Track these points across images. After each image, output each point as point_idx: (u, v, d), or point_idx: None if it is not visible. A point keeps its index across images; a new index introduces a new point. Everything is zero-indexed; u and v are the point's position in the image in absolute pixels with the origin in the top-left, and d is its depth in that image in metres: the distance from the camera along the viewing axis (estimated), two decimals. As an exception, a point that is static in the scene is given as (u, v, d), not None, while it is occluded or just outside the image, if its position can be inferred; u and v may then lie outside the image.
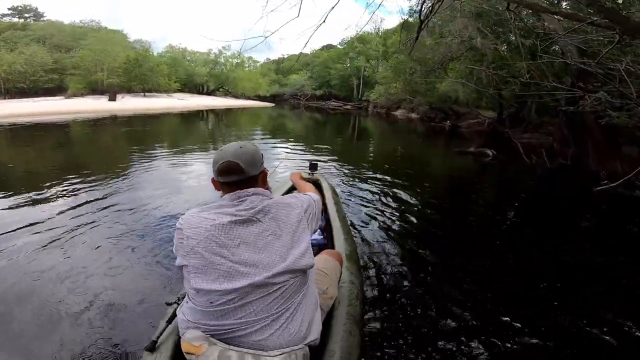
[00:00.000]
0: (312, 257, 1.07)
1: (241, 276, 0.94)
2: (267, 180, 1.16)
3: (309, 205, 1.13)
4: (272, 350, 0.95)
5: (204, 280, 0.95)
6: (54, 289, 2.10)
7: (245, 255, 0.96)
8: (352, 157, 8.04)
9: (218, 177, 1.06)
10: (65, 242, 2.74)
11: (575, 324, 1.98)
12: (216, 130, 14.50)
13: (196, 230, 0.98)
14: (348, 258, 1.76)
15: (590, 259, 3.02)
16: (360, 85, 35.61)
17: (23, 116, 14.80)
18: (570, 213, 4.48)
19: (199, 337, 0.94)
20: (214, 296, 0.94)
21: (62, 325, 1.80)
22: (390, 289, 2.27)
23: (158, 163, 6.28)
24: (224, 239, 0.97)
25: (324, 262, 1.44)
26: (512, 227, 3.87)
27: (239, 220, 0.99)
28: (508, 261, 2.89)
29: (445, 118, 18.72)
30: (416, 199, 4.46)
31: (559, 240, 3.42)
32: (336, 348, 1.16)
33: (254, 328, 0.96)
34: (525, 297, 2.27)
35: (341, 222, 2.29)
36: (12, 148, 8.50)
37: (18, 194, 3.99)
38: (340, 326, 1.27)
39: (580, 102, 4.69)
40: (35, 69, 25.45)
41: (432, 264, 2.68)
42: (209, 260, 0.95)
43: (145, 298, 2.04)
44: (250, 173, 1.05)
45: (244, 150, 1.06)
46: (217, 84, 40.54)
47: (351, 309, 1.39)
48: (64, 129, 11.92)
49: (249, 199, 1.03)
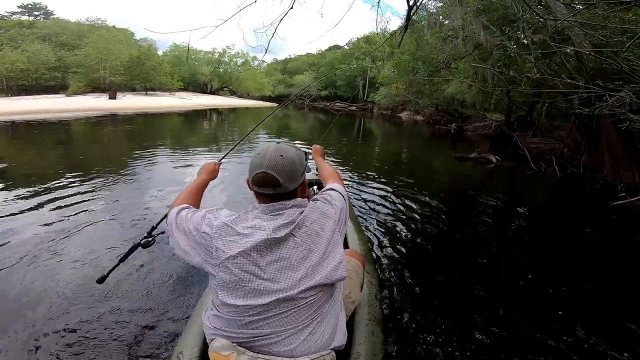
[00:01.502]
0: (345, 270, 1.01)
1: (270, 293, 0.92)
2: (306, 189, 1.10)
3: (342, 209, 1.07)
4: (299, 357, 0.93)
5: (231, 296, 0.93)
6: (49, 288, 2.13)
7: (277, 273, 0.93)
8: (355, 159, 7.77)
9: (253, 185, 1.00)
10: (59, 242, 2.72)
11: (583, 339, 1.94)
12: (218, 130, 14.15)
13: (228, 243, 0.93)
14: (365, 259, 1.71)
15: (602, 282, 2.71)
16: (366, 87, 35.07)
17: (21, 114, 14.56)
18: (581, 231, 3.89)
19: (227, 346, 0.93)
20: (240, 310, 0.92)
21: (70, 324, 1.84)
22: (401, 289, 2.29)
23: (157, 161, 6.12)
24: (256, 257, 0.92)
25: (346, 265, 1.30)
26: (514, 245, 3.32)
27: (276, 239, 0.93)
28: (511, 280, 2.66)
29: (451, 121, 18.10)
30: (415, 205, 4.19)
31: (567, 264, 2.88)
32: (361, 350, 1.17)
33: (281, 337, 0.93)
34: (538, 314, 2.21)
35: (353, 221, 2.23)
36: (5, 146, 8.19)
37: (14, 191, 3.97)
38: (363, 328, 1.28)
39: (597, 103, 4.09)
40: (37, 67, 25.41)
41: (438, 265, 2.74)
42: (238, 277, 0.92)
43: (148, 299, 2.07)
44: (289, 188, 0.98)
45: (284, 160, 0.97)
46: (221, 83, 40.31)
47: (372, 310, 1.40)
48: (61, 127, 11.53)
49: (287, 212, 0.97)
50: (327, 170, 1.36)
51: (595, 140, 7.13)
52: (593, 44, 4.55)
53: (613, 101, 3.38)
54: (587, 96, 4.80)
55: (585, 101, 5.26)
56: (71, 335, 1.77)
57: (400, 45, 7.04)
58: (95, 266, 2.39)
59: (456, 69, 9.11)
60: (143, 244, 1.38)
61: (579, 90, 4.57)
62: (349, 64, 35.71)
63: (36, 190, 4.05)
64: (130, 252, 1.37)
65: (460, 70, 8.88)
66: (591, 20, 4.08)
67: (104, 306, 2.00)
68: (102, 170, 5.16)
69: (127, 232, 2.94)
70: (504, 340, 1.88)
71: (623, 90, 3.25)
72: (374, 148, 10.72)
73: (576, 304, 2.34)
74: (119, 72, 25.67)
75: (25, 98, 21.24)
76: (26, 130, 10.37)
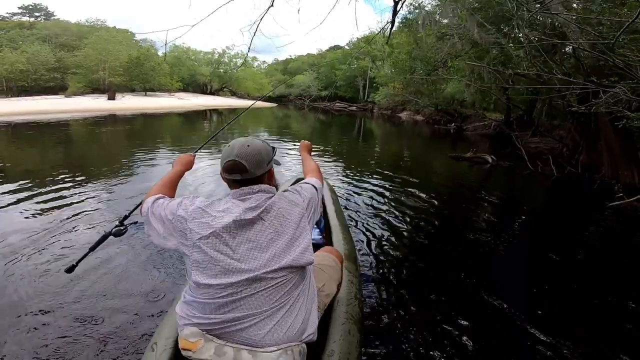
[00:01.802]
0: (312, 254, 1.07)
1: (239, 272, 0.96)
2: (273, 177, 1.16)
3: (310, 198, 1.12)
4: (268, 347, 0.95)
5: (203, 275, 0.96)
6: (44, 284, 2.12)
7: (247, 253, 0.97)
8: (353, 158, 7.76)
9: (224, 173, 1.07)
10: (36, 237, 2.74)
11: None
12: (216, 130, 14.05)
13: (201, 225, 0.98)
14: (347, 257, 1.74)
15: (600, 285, 2.60)
16: (366, 87, 34.94)
17: (18, 115, 14.51)
18: (578, 231, 3.78)
19: (195, 334, 0.96)
20: (212, 290, 0.96)
21: (38, 315, 1.83)
22: (387, 288, 2.25)
23: (151, 160, 6.13)
24: (227, 238, 0.97)
25: (321, 259, 1.40)
26: (507, 247, 3.20)
27: (245, 220, 0.99)
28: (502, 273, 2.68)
29: (450, 120, 17.97)
30: (409, 205, 4.15)
31: (563, 266, 2.78)
32: (335, 347, 1.16)
33: (251, 322, 0.96)
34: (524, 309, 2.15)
35: (339, 221, 2.27)
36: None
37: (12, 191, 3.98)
38: (339, 326, 1.27)
39: (594, 100, 3.98)
40: (37, 68, 25.35)
41: (428, 266, 2.71)
42: (210, 257, 0.96)
43: (141, 293, 2.06)
44: (256, 173, 1.05)
45: (250, 149, 1.05)
46: (221, 83, 40.22)
47: (350, 309, 1.39)
48: (59, 128, 11.48)
49: (254, 197, 1.03)
50: (309, 165, 1.43)
51: (593, 140, 7.02)
52: (589, 41, 4.44)
53: (607, 97, 3.26)
54: (584, 94, 4.68)
55: (582, 98, 5.15)
56: (40, 328, 1.74)
57: (388, 42, 6.94)
58: (68, 257, 2.42)
59: (453, 67, 8.99)
60: (114, 233, 1.36)
61: (573, 86, 4.47)
62: (349, 64, 35.64)
63: (25, 186, 4.13)
64: (101, 241, 1.35)
65: (457, 69, 8.76)
66: (587, 15, 3.98)
67: (73, 297, 1.99)
68: (94, 170, 5.18)
69: (109, 226, 2.90)
70: (493, 342, 1.85)
71: (617, 87, 3.14)
72: (373, 148, 10.66)
73: (573, 305, 2.28)
74: (118, 73, 25.60)
75: (25, 99, 21.22)
76: (24, 131, 10.36)
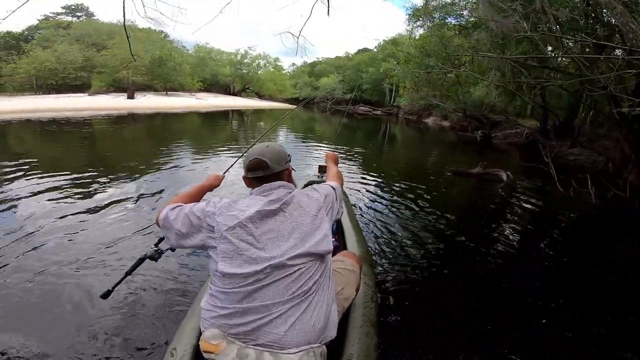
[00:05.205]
0: (331, 244, 1.13)
1: (263, 260, 1.02)
2: (292, 177, 1.28)
3: (327, 194, 1.22)
4: (290, 349, 0.99)
5: (230, 265, 1.03)
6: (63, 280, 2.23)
7: (270, 242, 1.05)
8: (375, 164, 7.61)
9: (247, 173, 1.19)
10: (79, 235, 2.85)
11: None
12: (240, 132, 13.84)
13: (228, 217, 1.07)
14: (362, 260, 1.70)
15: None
16: (392, 90, 33.43)
17: (41, 112, 14.84)
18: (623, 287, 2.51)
19: (217, 336, 1.01)
20: (237, 279, 1.02)
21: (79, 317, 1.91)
22: (403, 292, 2.26)
23: (177, 163, 6.09)
24: (251, 228, 1.06)
25: (340, 263, 1.44)
26: (522, 268, 2.81)
27: (267, 211, 1.08)
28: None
29: (478, 127, 16.23)
30: (418, 215, 3.98)
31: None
32: (354, 351, 1.20)
33: (271, 317, 1.00)
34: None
35: (353, 224, 2.25)
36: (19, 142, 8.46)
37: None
38: (356, 328, 1.30)
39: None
40: (65, 67, 26.17)
41: (440, 271, 2.69)
42: (236, 246, 1.04)
43: (165, 294, 2.14)
44: (276, 169, 1.17)
45: (269, 149, 1.20)
46: (243, 84, 40.13)
47: (367, 311, 1.41)
48: (78, 125, 11.56)
49: (275, 192, 1.13)
50: (332, 172, 1.57)
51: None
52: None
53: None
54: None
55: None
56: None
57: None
58: (100, 276, 2.35)
59: (470, 62, 7.64)
60: (150, 257, 1.36)
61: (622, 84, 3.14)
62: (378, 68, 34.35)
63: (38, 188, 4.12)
64: (137, 265, 1.36)
65: (475, 65, 7.41)
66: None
67: (104, 318, 1.93)
68: (119, 170, 5.22)
69: (138, 240, 2.87)
70: (512, 350, 1.79)
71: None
72: (396, 155, 10.23)
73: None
74: (141, 72, 26.03)
75: (48, 96, 22.05)
76: (41, 128, 10.64)
